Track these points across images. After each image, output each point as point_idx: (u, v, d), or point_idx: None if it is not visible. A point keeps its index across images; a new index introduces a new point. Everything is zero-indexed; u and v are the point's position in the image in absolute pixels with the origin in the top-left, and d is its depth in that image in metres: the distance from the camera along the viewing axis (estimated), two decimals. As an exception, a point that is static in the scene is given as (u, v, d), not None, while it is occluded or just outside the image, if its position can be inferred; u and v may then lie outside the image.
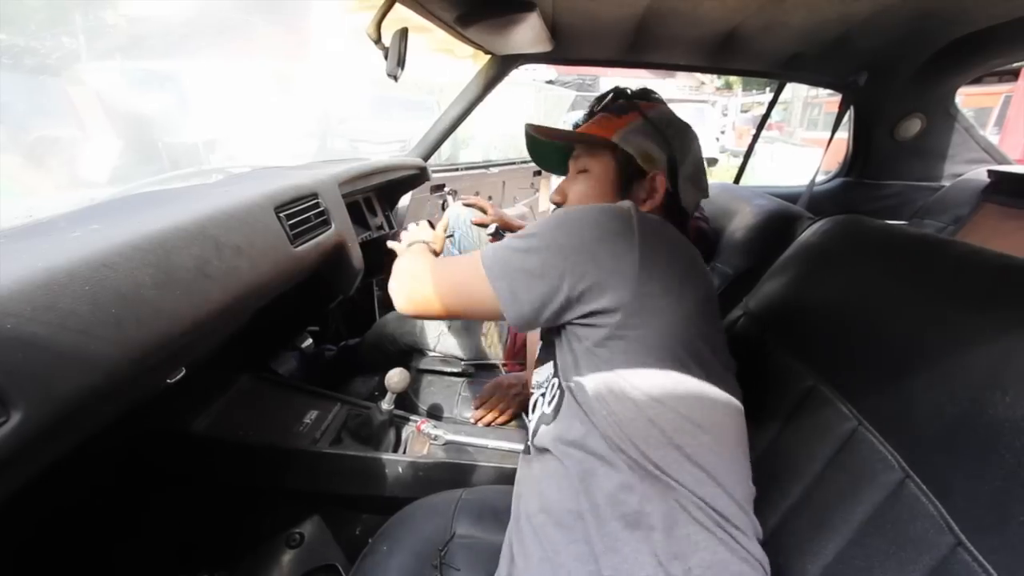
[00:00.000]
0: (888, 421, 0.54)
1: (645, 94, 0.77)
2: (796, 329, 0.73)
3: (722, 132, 10.85)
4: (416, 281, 0.70)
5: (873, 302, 0.62)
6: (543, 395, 0.69)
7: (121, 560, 0.96)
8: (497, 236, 1.07)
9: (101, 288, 0.49)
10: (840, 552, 0.54)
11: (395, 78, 0.87)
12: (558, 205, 0.78)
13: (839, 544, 0.54)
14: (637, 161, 0.70)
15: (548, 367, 0.69)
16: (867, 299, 0.63)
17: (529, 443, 0.71)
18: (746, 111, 12.17)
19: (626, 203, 0.62)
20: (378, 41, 0.83)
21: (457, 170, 2.35)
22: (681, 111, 0.76)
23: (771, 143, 9.77)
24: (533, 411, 0.71)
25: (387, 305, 1.88)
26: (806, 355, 0.69)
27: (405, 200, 1.80)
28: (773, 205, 1.17)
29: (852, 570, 0.51)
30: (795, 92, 10.25)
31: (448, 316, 0.69)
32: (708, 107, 10.90)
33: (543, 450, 0.65)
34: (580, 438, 0.59)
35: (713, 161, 10.20)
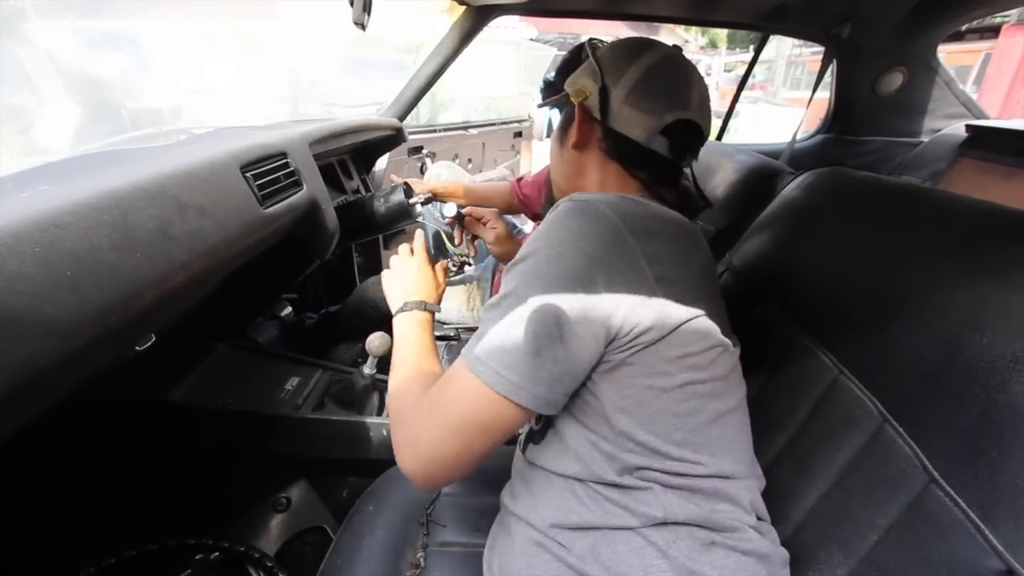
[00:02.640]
0: (867, 368, 0.55)
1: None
2: (779, 283, 0.73)
3: (704, 92, 10.71)
4: (413, 438, 0.54)
5: (854, 253, 0.62)
6: None
7: (109, 529, 0.95)
8: (456, 219, 0.97)
9: (52, 249, 0.46)
10: (821, 496, 0.55)
11: (362, 26, 0.82)
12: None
13: (821, 489, 0.55)
14: (570, 98, 0.66)
15: None
16: (848, 250, 0.63)
17: (519, 450, 0.68)
18: (729, 71, 12.01)
19: (583, 201, 0.54)
20: (344, -15, 0.78)
21: (435, 131, 2.29)
22: None
23: (754, 103, 9.71)
24: None
25: (368, 270, 1.85)
26: (789, 308, 0.70)
27: (382, 163, 1.75)
28: (755, 160, 1.16)
29: (832, 512, 0.53)
30: (778, 51, 10.12)
31: (475, 464, 0.53)
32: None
33: (536, 465, 0.61)
34: (583, 472, 0.55)
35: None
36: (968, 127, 1.55)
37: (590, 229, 0.51)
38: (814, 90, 1.47)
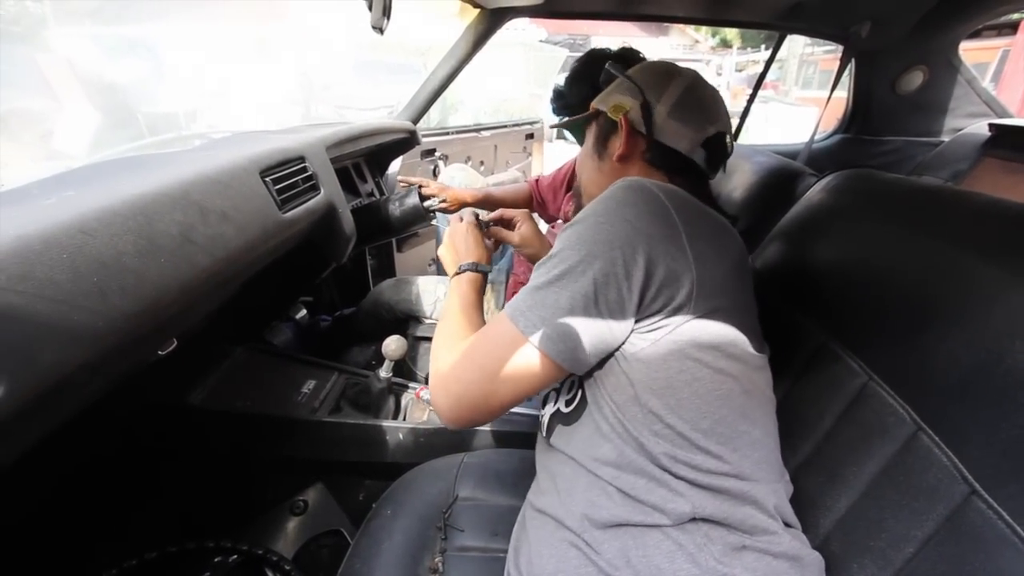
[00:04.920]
0: (899, 375, 0.54)
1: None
2: (805, 287, 0.72)
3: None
4: (448, 376, 0.58)
5: (885, 256, 0.61)
6: (555, 389, 0.67)
7: (129, 532, 0.96)
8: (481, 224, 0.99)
9: (80, 255, 0.46)
10: (852, 505, 0.54)
11: (381, 30, 0.82)
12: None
13: (852, 498, 0.54)
14: (609, 115, 0.71)
15: None
16: (879, 253, 0.62)
17: (543, 435, 0.68)
18: (741, 70, 11.92)
19: (636, 179, 0.58)
20: (362, -10, 0.78)
21: (448, 134, 2.29)
22: None
23: (766, 103, 9.61)
24: (544, 403, 0.69)
25: (381, 273, 1.86)
26: (815, 312, 0.69)
27: (395, 165, 1.75)
28: (773, 162, 1.14)
29: (865, 522, 0.52)
30: (790, 50, 10.01)
31: (499, 412, 0.57)
32: (703, 67, 10.67)
33: (564, 454, 0.61)
34: (613, 457, 0.55)
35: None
36: (991, 126, 1.52)
37: (638, 202, 0.54)
38: (832, 90, 1.45)
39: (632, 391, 0.54)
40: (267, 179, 0.80)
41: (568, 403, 0.63)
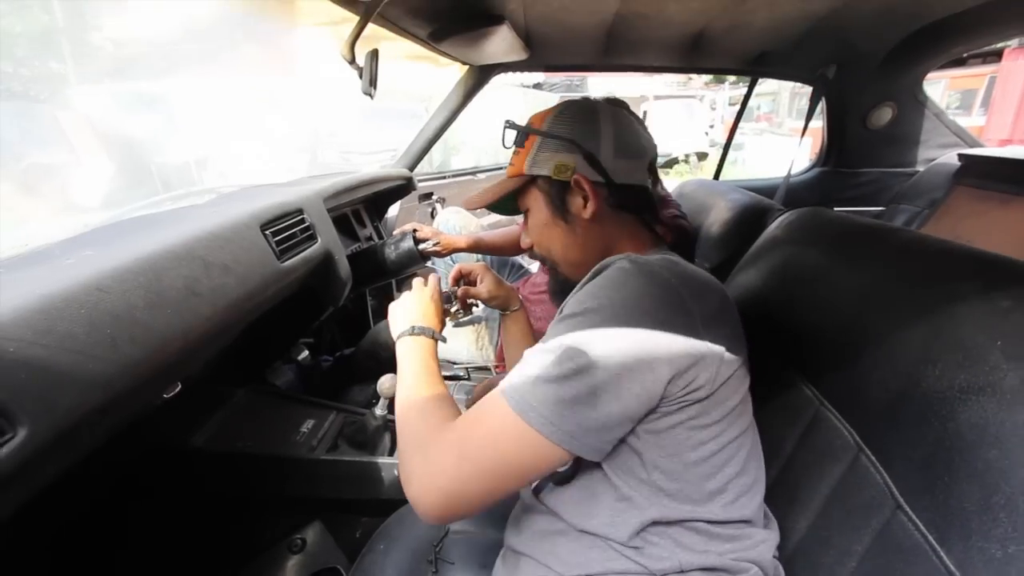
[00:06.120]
0: (845, 400, 0.58)
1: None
2: (765, 318, 0.76)
3: (711, 126, 10.92)
4: (435, 470, 0.52)
5: (828, 289, 0.66)
6: None
7: (133, 570, 0.99)
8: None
9: (96, 311, 0.52)
10: (810, 526, 0.57)
11: (370, 96, 0.91)
12: (531, 251, 0.76)
13: (809, 519, 0.57)
14: (554, 177, 0.68)
15: None
16: (823, 286, 0.67)
17: (531, 493, 0.66)
18: (734, 104, 12.25)
19: (642, 262, 0.56)
20: (352, 62, 0.87)
21: (444, 177, 2.39)
22: (669, 107, 0.76)
23: (760, 135, 9.83)
24: None
25: (381, 314, 1.91)
26: (774, 343, 0.73)
27: (394, 210, 1.84)
28: (746, 199, 1.21)
29: (818, 541, 0.55)
30: (782, 83, 10.32)
31: (495, 503, 0.52)
32: (696, 102, 10.97)
33: (553, 513, 0.61)
34: (605, 523, 0.55)
35: (703, 156, 10.26)
36: (960, 156, 1.58)
37: (655, 292, 0.52)
38: (803, 130, 1.53)
39: (638, 459, 0.54)
40: (267, 232, 0.87)
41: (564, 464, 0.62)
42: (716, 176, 2.07)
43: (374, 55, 0.86)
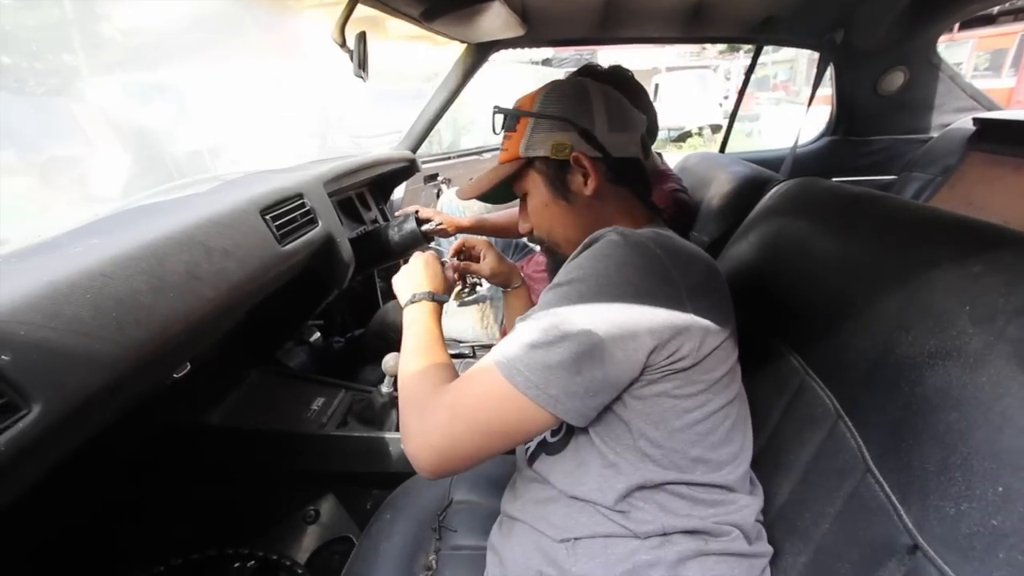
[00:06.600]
0: (827, 368, 0.59)
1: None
2: (755, 289, 0.77)
3: (725, 97, 10.63)
4: (429, 428, 0.55)
5: (815, 259, 0.66)
6: None
7: (158, 541, 1.05)
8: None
9: (100, 295, 0.55)
10: (791, 491, 0.59)
11: (361, 78, 0.91)
12: (530, 234, 0.77)
13: (791, 484, 0.59)
14: (552, 157, 0.68)
15: None
16: (810, 256, 0.67)
17: (525, 463, 0.68)
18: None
19: (629, 234, 0.57)
20: (343, 45, 0.87)
21: (449, 158, 2.39)
22: (682, 79, 0.75)
23: (777, 104, 9.55)
24: None
25: (390, 295, 1.95)
26: (763, 313, 0.73)
27: (399, 191, 1.85)
28: (747, 171, 1.20)
29: (797, 505, 0.57)
30: (799, 50, 9.97)
31: (483, 462, 0.56)
32: (710, 72, 10.68)
33: (545, 481, 0.63)
34: (594, 490, 0.58)
35: (717, 128, 10.00)
36: (975, 120, 1.53)
37: (639, 262, 0.54)
38: (811, 97, 1.49)
39: (625, 427, 0.56)
40: (267, 217, 0.89)
41: (554, 433, 0.64)
42: (722, 149, 2.04)
43: (362, 37, 0.86)
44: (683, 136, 9.95)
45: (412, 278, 0.82)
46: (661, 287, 0.53)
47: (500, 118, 0.74)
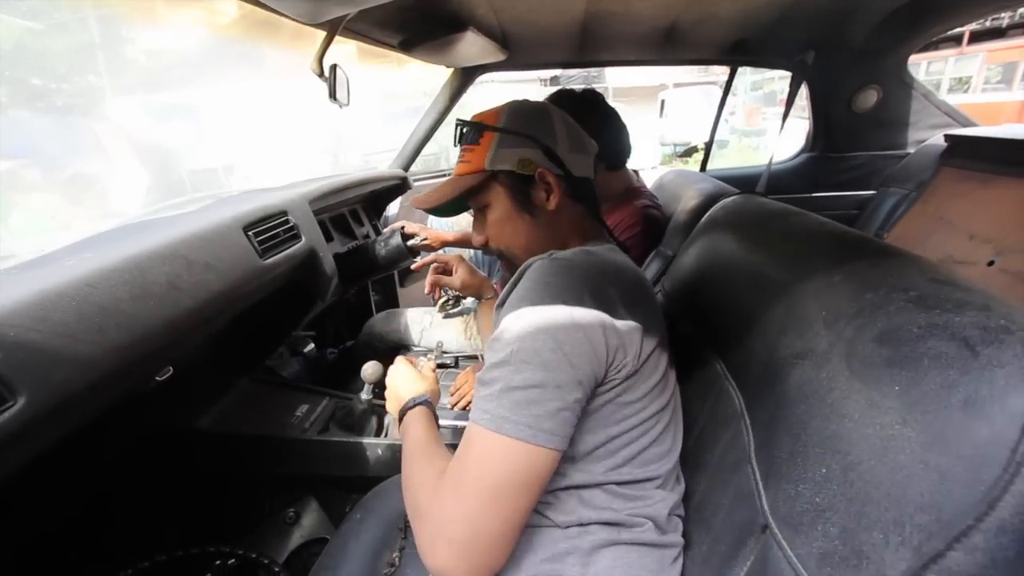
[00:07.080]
0: (738, 371, 0.64)
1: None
2: (692, 300, 0.82)
3: (731, 113, 10.68)
4: (443, 526, 0.51)
5: (737, 270, 0.71)
6: None
7: (142, 539, 1.11)
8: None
9: (85, 303, 0.62)
10: (705, 487, 0.63)
11: (339, 105, 0.99)
12: (485, 247, 0.79)
13: (707, 480, 0.63)
14: (517, 172, 0.71)
15: None
16: (733, 267, 0.72)
17: None
18: (757, 90, 11.94)
19: (563, 257, 0.61)
20: (321, 75, 0.95)
21: (444, 175, 2.47)
22: (688, 95, 0.80)
23: (778, 118, 9.53)
24: None
25: (385, 307, 2.02)
26: (697, 322, 0.79)
27: (394, 207, 1.94)
28: (712, 187, 1.24)
29: (706, 499, 0.61)
30: (806, 64, 9.99)
31: (520, 530, 0.53)
32: (715, 89, 10.73)
33: None
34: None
35: (724, 143, 10.06)
36: (946, 137, 1.57)
37: (574, 283, 0.57)
38: (784, 116, 1.54)
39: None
40: (250, 232, 0.97)
41: None
42: (703, 167, 2.09)
43: (333, 69, 0.94)
44: (689, 151, 10.00)
45: (396, 389, 0.83)
46: (600, 301, 0.56)
47: (466, 131, 0.77)
